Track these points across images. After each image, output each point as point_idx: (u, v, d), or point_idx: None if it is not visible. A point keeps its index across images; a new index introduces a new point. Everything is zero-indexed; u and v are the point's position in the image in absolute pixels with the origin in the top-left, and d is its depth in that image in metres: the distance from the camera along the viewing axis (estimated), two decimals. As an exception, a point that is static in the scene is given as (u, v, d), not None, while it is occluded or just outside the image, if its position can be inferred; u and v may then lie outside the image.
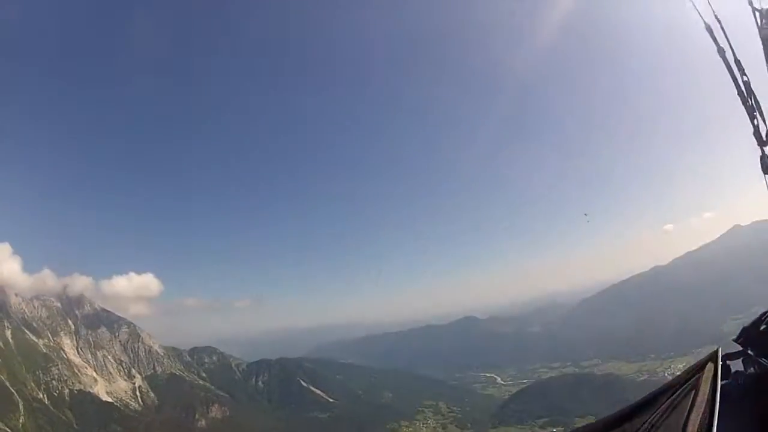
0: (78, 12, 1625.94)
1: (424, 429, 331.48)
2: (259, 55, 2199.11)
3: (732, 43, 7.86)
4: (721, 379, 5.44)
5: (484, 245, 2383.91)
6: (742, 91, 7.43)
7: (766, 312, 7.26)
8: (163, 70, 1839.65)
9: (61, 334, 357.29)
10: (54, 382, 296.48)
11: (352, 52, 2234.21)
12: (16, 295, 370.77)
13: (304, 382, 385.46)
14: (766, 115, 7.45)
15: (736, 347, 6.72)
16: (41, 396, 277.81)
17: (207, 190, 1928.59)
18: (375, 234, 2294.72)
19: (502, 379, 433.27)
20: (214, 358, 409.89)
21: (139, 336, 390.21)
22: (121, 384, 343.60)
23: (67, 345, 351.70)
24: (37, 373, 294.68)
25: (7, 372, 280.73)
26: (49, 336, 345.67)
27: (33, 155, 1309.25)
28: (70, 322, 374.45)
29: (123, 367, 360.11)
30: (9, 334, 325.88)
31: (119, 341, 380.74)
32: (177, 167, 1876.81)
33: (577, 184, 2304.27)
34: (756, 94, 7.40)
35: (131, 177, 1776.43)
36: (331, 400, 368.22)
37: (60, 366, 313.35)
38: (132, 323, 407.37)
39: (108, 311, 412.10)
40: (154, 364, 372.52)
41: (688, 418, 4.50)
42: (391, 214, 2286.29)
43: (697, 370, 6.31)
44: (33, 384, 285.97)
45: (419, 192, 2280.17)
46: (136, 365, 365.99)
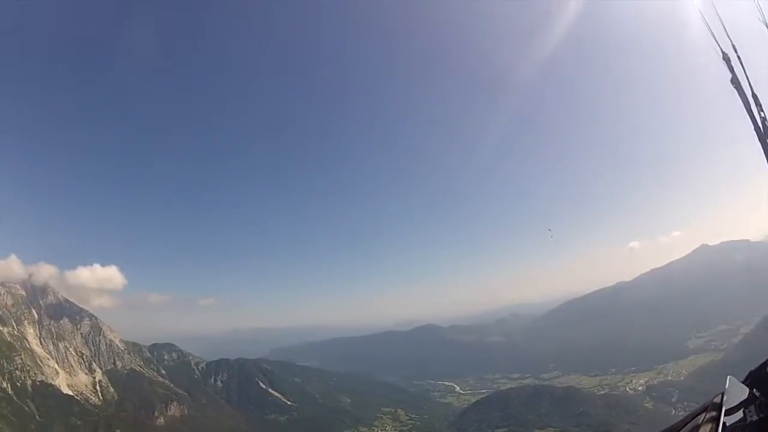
0: (76, 9, 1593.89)
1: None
2: (257, 52, 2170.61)
3: (748, 75, 7.72)
4: (726, 420, 5.50)
5: (449, 256, 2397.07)
6: (759, 127, 7.20)
7: None
8: (156, 66, 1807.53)
9: (25, 323, 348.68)
10: (17, 372, 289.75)
11: (348, 55, 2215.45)
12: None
13: (263, 383, 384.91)
14: None
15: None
16: (5, 385, 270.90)
17: (177, 186, 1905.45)
18: (340, 240, 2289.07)
19: (461, 388, 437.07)
20: (174, 355, 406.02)
21: (101, 329, 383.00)
22: (82, 377, 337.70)
23: (31, 334, 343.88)
24: (1, 361, 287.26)
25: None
26: (14, 324, 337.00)
27: (4, 143, 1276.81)
28: (33, 311, 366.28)
29: (84, 360, 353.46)
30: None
31: (81, 333, 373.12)
32: (149, 161, 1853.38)
33: (546, 198, 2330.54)
34: None
35: (102, 168, 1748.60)
36: (289, 403, 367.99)
37: (23, 356, 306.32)
38: (94, 316, 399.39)
39: (71, 302, 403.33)
40: (114, 359, 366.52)
41: None
42: (358, 221, 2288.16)
43: (702, 411, 6.51)
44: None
45: (387, 201, 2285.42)
46: (97, 359, 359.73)
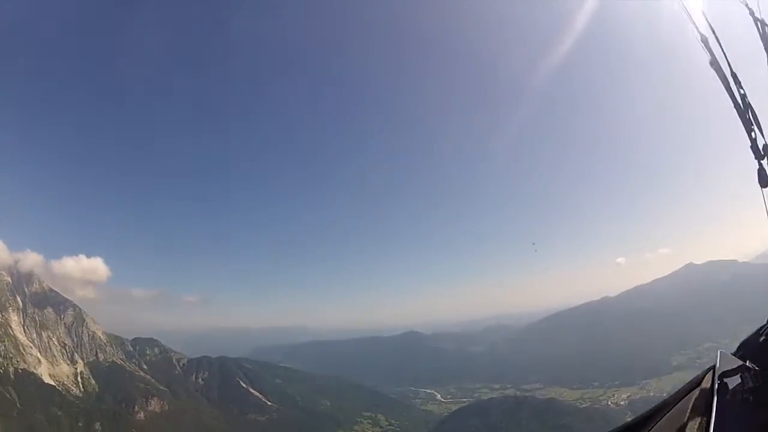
0: (75, 8, 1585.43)
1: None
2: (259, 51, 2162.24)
3: (727, 56, 7.95)
4: (719, 394, 5.54)
5: (435, 264, 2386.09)
6: (739, 104, 7.49)
7: (764, 325, 7.27)
8: (150, 61, 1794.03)
9: (10, 310, 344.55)
10: (0, 358, 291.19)
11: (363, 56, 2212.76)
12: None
13: (244, 382, 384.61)
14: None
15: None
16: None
17: (166, 182, 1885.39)
18: (327, 245, 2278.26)
19: (442, 396, 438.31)
20: (156, 350, 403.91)
21: (84, 320, 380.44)
22: (64, 368, 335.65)
23: (14, 322, 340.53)
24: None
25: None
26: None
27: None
28: (18, 298, 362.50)
29: (66, 350, 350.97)
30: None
31: (64, 323, 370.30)
32: (140, 155, 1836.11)
33: (535, 211, 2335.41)
34: (753, 107, 7.49)
35: (94, 159, 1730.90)
36: (269, 403, 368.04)
37: (6, 342, 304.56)
38: (78, 306, 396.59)
39: (55, 291, 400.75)
40: (96, 351, 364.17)
41: None
42: (347, 228, 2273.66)
43: (695, 385, 6.48)
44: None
45: (375, 208, 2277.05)
46: (79, 350, 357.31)
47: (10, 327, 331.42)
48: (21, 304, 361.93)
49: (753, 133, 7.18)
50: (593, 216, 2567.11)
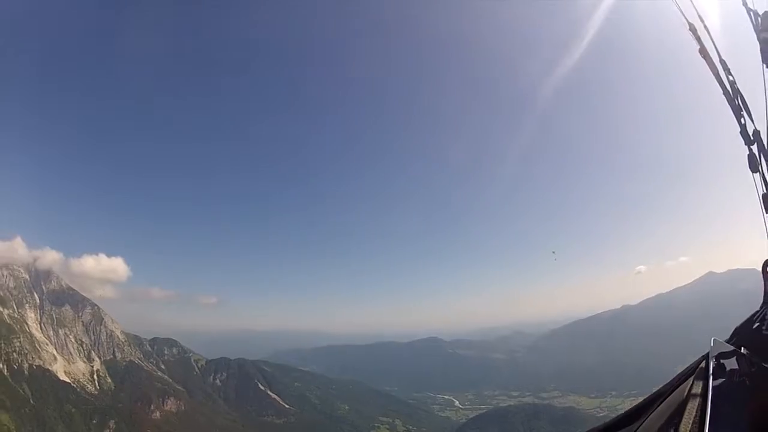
0: (79, 7, 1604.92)
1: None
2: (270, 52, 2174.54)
3: (716, 43, 7.98)
4: (715, 380, 5.33)
5: (456, 270, 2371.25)
6: (728, 91, 7.51)
7: (758, 311, 7.24)
8: (165, 68, 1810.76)
9: (26, 306, 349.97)
10: (15, 354, 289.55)
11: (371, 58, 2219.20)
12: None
13: (262, 385, 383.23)
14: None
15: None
16: (1, 366, 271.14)
17: (188, 182, 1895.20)
18: (348, 246, 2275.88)
19: (460, 403, 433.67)
20: (174, 350, 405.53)
21: (102, 319, 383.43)
22: (80, 365, 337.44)
23: (31, 318, 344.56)
24: (0, 342, 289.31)
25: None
26: (14, 307, 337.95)
27: (20, 124, 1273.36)
28: (36, 295, 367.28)
29: (83, 348, 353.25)
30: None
31: (82, 322, 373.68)
32: (163, 157, 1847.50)
33: (556, 219, 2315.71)
34: (742, 93, 7.45)
35: (115, 160, 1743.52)
36: (287, 406, 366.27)
37: (22, 339, 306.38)
38: (96, 305, 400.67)
39: (74, 290, 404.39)
40: (114, 350, 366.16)
41: (680, 421, 4.40)
42: (368, 230, 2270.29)
43: (690, 372, 6.25)
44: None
45: (398, 214, 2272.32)
46: (96, 348, 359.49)
47: (26, 323, 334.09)
48: (38, 300, 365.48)
49: (742, 119, 7.34)
50: (614, 224, 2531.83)
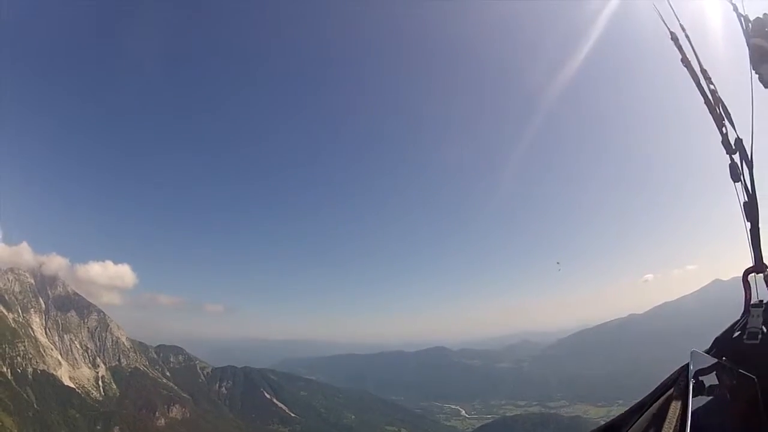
0: (78, 7, 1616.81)
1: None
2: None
3: (697, 52, 7.73)
4: (694, 391, 5.22)
5: (462, 280, 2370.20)
6: (709, 100, 7.37)
7: (738, 320, 6.92)
8: (166, 68, 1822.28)
9: (31, 311, 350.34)
10: (19, 358, 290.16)
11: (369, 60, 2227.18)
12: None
13: (268, 393, 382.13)
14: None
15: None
16: (5, 370, 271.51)
17: (196, 192, 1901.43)
18: (355, 255, 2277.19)
19: (466, 412, 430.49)
20: (180, 358, 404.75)
21: (108, 325, 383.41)
22: (85, 371, 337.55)
23: (36, 323, 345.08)
24: (4, 346, 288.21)
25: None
26: (19, 311, 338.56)
27: (27, 129, 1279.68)
28: (41, 300, 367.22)
29: (88, 354, 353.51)
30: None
31: (87, 328, 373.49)
32: (170, 165, 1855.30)
33: (563, 228, 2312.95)
34: (724, 102, 7.34)
35: (124, 164, 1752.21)
36: (293, 415, 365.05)
37: (26, 343, 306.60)
38: (102, 311, 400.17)
39: (80, 295, 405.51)
40: (119, 356, 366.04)
41: None
42: (375, 242, 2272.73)
43: (670, 384, 5.98)
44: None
45: (403, 222, 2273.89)
46: (101, 354, 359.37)
47: (31, 328, 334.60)
48: (43, 305, 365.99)
49: (724, 128, 7.28)
50: (621, 233, 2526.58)
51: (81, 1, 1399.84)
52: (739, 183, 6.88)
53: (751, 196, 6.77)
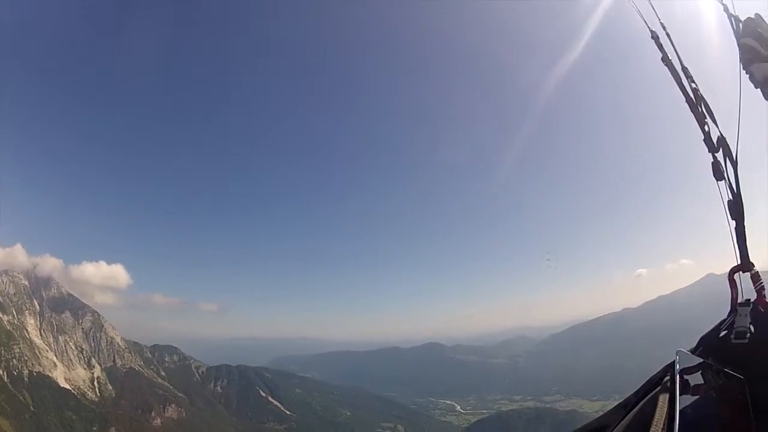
0: (76, 8, 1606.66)
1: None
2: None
3: (678, 51, 7.89)
4: (681, 393, 5.09)
5: (456, 276, 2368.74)
6: (691, 98, 7.42)
7: (725, 319, 6.77)
8: (161, 69, 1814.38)
9: (26, 313, 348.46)
10: (14, 360, 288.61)
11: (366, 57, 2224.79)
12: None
13: (263, 391, 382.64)
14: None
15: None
16: (1, 373, 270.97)
17: (188, 189, 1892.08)
18: (347, 255, 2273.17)
19: (461, 408, 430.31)
20: (175, 357, 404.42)
21: (102, 326, 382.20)
22: (80, 372, 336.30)
23: (31, 325, 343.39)
24: (0, 349, 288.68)
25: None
26: (14, 313, 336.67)
27: (19, 130, 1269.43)
28: (35, 302, 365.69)
29: (83, 355, 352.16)
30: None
31: (82, 328, 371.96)
32: (163, 165, 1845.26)
33: (556, 223, 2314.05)
34: (706, 100, 7.37)
35: (116, 164, 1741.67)
36: (288, 413, 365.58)
37: (22, 345, 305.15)
38: (96, 312, 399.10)
39: (74, 296, 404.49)
40: (114, 357, 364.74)
41: None
42: (368, 238, 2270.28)
43: (655, 384, 5.96)
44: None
45: (397, 218, 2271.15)
46: (96, 355, 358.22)
47: (26, 330, 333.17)
48: (38, 307, 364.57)
49: (706, 126, 7.27)
50: (614, 228, 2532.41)
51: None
52: (723, 181, 6.81)
53: (736, 195, 6.67)
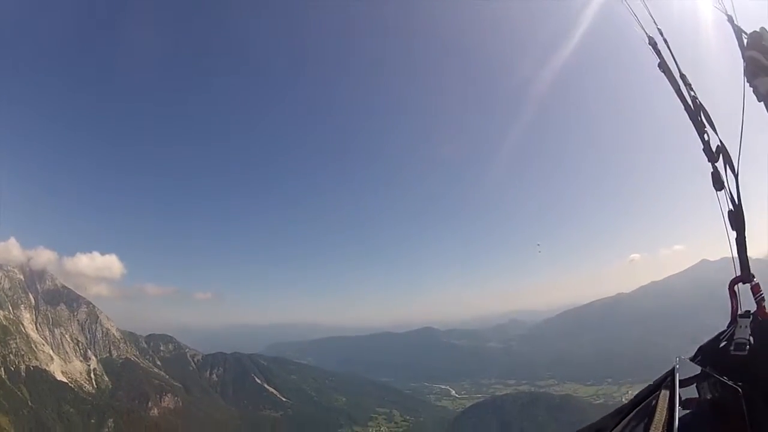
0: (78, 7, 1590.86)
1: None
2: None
3: (676, 58, 7.86)
4: (680, 402, 5.11)
5: (450, 260, 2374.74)
6: (689, 106, 7.34)
7: (725, 330, 6.97)
8: (160, 57, 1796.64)
9: (21, 307, 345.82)
10: (11, 356, 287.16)
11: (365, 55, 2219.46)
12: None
13: (258, 378, 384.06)
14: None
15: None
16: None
17: (179, 178, 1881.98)
18: (339, 240, 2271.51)
19: (456, 392, 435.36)
20: (171, 347, 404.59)
21: (98, 317, 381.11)
22: (77, 365, 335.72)
23: (27, 319, 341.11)
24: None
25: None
26: (10, 308, 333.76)
27: (9, 125, 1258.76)
28: (30, 296, 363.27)
29: (79, 347, 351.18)
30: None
31: (77, 320, 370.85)
32: (155, 155, 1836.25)
33: (550, 209, 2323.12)
34: (706, 109, 7.25)
35: (107, 155, 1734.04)
36: (284, 399, 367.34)
37: (18, 340, 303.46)
38: (91, 303, 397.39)
39: (68, 288, 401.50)
40: (110, 348, 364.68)
41: None
42: (360, 222, 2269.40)
43: (653, 390, 6.00)
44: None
45: (389, 202, 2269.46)
46: (92, 347, 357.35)
47: (22, 324, 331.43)
48: (33, 301, 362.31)
49: (706, 135, 7.09)
50: (608, 213, 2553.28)
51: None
52: (722, 191, 6.83)
53: (737, 206, 6.68)
